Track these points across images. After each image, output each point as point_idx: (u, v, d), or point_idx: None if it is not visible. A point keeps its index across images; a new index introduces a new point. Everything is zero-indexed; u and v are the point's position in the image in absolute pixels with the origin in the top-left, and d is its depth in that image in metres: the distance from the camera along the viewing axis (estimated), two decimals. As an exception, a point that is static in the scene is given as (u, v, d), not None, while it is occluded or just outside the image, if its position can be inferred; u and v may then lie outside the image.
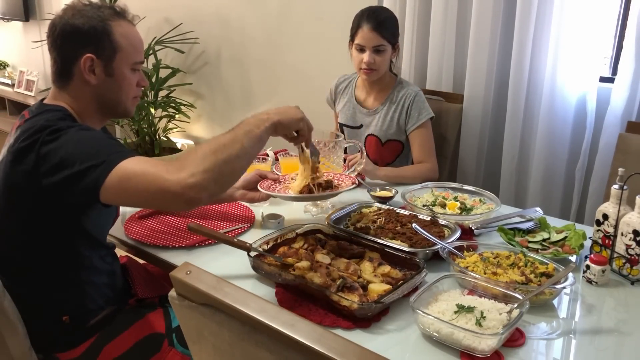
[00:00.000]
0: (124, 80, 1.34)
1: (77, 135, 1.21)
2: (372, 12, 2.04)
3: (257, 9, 3.21)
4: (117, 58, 1.31)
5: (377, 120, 2.13)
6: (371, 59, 2.01)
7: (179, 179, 1.09)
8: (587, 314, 1.23)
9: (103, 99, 1.34)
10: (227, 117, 3.58)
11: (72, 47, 1.29)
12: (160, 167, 1.13)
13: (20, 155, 1.20)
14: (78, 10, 1.29)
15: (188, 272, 0.86)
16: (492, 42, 2.26)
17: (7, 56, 5.24)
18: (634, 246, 1.30)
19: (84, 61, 1.28)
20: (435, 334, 1.07)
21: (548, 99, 2.16)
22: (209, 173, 1.12)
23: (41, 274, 1.29)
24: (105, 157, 1.14)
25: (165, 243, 1.48)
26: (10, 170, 1.22)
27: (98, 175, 1.13)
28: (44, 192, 1.19)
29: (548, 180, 2.24)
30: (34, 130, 1.20)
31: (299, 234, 1.47)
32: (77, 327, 1.31)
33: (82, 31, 1.28)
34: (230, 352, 0.86)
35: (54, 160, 1.16)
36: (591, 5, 2.02)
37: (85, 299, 1.33)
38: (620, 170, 1.34)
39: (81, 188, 1.15)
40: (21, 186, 1.21)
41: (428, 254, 1.36)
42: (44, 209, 1.23)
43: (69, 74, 1.31)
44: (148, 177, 1.12)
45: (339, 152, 1.68)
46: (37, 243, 1.27)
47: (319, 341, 0.70)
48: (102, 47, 1.29)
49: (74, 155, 1.16)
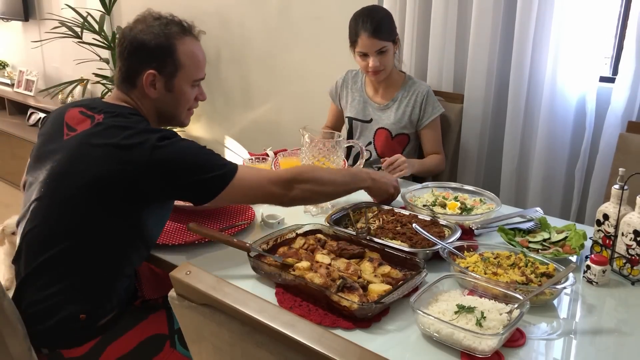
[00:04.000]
0: (183, 96, 1.42)
1: (184, 144, 1.32)
2: (367, 17, 2.04)
3: (257, 9, 3.20)
4: (179, 75, 1.38)
5: (389, 115, 2.17)
6: (377, 63, 2.05)
7: (288, 193, 1.39)
8: (588, 314, 1.23)
9: (160, 110, 1.42)
10: (227, 117, 3.58)
11: (137, 61, 1.35)
12: (271, 178, 1.39)
13: (121, 153, 1.24)
14: (148, 26, 1.36)
15: (188, 272, 0.86)
16: (492, 42, 2.26)
17: (6, 56, 5.24)
18: (634, 246, 1.30)
19: (147, 77, 1.35)
20: (436, 334, 1.07)
21: (548, 99, 2.16)
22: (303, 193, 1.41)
23: (83, 270, 1.29)
24: (222, 169, 1.32)
25: (164, 241, 1.47)
26: (101, 164, 1.25)
27: (219, 184, 1.31)
28: (136, 192, 1.26)
29: (548, 180, 2.24)
30: (137, 131, 1.27)
31: (299, 234, 1.47)
32: (89, 326, 1.32)
33: (148, 47, 1.34)
34: (230, 352, 0.86)
35: (170, 167, 1.27)
36: (591, 5, 2.02)
37: (104, 299, 1.33)
38: (620, 170, 1.34)
39: (198, 192, 1.32)
40: (110, 182, 1.25)
41: (428, 254, 1.36)
42: (121, 207, 1.28)
43: (132, 83, 1.38)
44: (263, 187, 1.37)
45: (339, 152, 1.68)
46: (98, 239, 1.29)
47: (319, 341, 0.70)
48: (165, 64, 1.36)
49: (192, 164, 1.29)
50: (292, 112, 3.23)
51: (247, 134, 3.51)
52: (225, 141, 3.65)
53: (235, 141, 3.59)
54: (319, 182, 1.43)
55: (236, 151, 3.59)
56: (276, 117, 3.32)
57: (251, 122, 3.46)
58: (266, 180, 1.38)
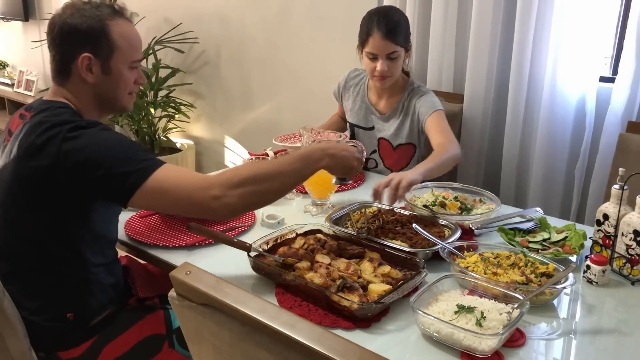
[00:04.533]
0: (121, 78, 1.35)
1: (101, 135, 1.24)
2: (383, 17, 1.90)
3: (257, 9, 3.21)
4: (115, 57, 1.33)
5: (389, 125, 2.09)
6: (385, 67, 1.92)
7: (222, 199, 1.19)
8: (588, 314, 1.23)
9: (101, 96, 1.36)
10: (227, 117, 3.58)
11: (70, 46, 1.30)
12: (198, 181, 1.21)
13: (36, 150, 1.21)
14: (77, 9, 1.31)
15: (188, 272, 0.86)
16: (492, 42, 2.25)
17: (6, 56, 5.24)
18: (634, 246, 1.30)
19: (82, 60, 1.30)
20: (436, 334, 1.07)
21: (548, 99, 2.16)
22: (242, 199, 1.21)
23: (50, 269, 1.30)
24: (139, 165, 1.20)
25: (165, 243, 1.48)
26: (22, 165, 1.23)
27: (133, 182, 1.18)
28: (62, 189, 1.21)
29: (548, 180, 2.24)
30: (50, 125, 1.22)
31: (299, 234, 1.47)
32: (80, 326, 1.32)
33: (80, 31, 1.29)
34: (230, 352, 0.86)
35: (79, 158, 1.19)
36: (591, 5, 2.02)
37: (90, 297, 1.33)
38: (620, 170, 1.34)
39: (113, 192, 1.21)
40: (35, 182, 1.22)
41: (428, 254, 1.36)
42: (56, 205, 1.24)
43: (67, 71, 1.33)
44: (184, 189, 1.20)
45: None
46: (46, 239, 1.28)
47: (319, 341, 0.70)
48: (100, 46, 1.31)
49: (105, 156, 1.19)
50: (292, 112, 3.23)
51: (247, 134, 3.51)
52: (225, 141, 3.65)
53: (235, 141, 3.59)
54: (260, 180, 1.24)
55: (236, 151, 3.59)
56: (276, 117, 3.32)
57: (251, 122, 3.46)
58: (191, 185, 1.20)
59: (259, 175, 1.24)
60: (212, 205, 1.19)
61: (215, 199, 1.19)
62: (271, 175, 1.26)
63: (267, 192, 1.26)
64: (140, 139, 3.68)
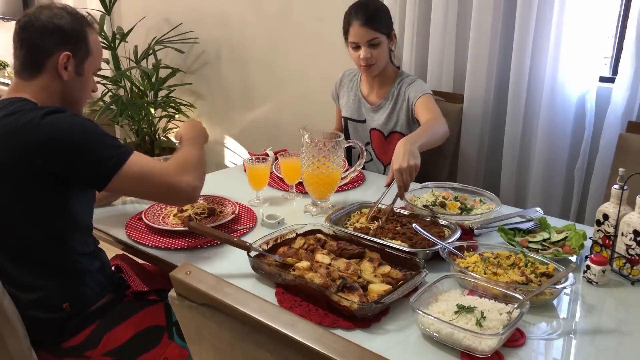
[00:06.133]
0: (88, 82, 1.46)
1: (75, 120, 1.30)
2: (360, 7, 2.01)
3: (257, 9, 3.21)
4: (88, 61, 1.42)
5: (380, 115, 2.15)
6: (368, 54, 2.00)
7: (188, 181, 1.35)
8: (588, 314, 1.23)
9: (68, 95, 1.42)
10: (227, 117, 3.58)
11: (52, 42, 1.36)
12: (167, 167, 1.35)
13: (12, 135, 1.25)
14: (56, 12, 1.37)
15: (188, 272, 0.86)
16: (492, 42, 2.26)
17: (6, 56, 5.24)
18: (634, 246, 1.30)
19: (62, 57, 1.36)
20: (436, 334, 1.07)
21: (548, 99, 2.16)
22: (202, 180, 1.41)
23: (37, 260, 1.32)
24: (116, 150, 1.30)
25: (166, 245, 1.47)
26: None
27: (112, 166, 1.27)
28: (39, 173, 1.25)
29: (548, 180, 2.24)
30: (27, 110, 1.27)
31: (299, 234, 1.47)
32: (77, 314, 1.35)
33: (64, 30, 1.37)
34: (230, 352, 0.86)
35: (56, 140, 1.24)
36: (591, 5, 2.02)
37: (82, 286, 1.37)
38: (620, 170, 1.34)
39: (92, 175, 1.28)
40: (10, 166, 1.25)
41: (428, 254, 1.36)
42: (34, 191, 1.27)
43: (39, 66, 1.37)
44: (159, 174, 1.32)
45: (339, 152, 1.68)
46: (30, 228, 1.30)
47: (319, 341, 0.70)
48: (79, 48, 1.39)
49: (83, 141, 1.26)
50: (292, 112, 3.23)
51: (247, 134, 3.51)
52: (225, 141, 3.65)
53: (235, 141, 3.59)
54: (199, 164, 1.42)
55: (236, 151, 3.59)
56: (276, 117, 3.32)
57: (251, 122, 3.46)
58: (165, 169, 1.34)
59: (196, 160, 1.42)
60: (183, 187, 1.34)
61: (184, 181, 1.34)
62: (200, 159, 1.45)
63: (204, 173, 1.45)
64: (140, 139, 3.68)
